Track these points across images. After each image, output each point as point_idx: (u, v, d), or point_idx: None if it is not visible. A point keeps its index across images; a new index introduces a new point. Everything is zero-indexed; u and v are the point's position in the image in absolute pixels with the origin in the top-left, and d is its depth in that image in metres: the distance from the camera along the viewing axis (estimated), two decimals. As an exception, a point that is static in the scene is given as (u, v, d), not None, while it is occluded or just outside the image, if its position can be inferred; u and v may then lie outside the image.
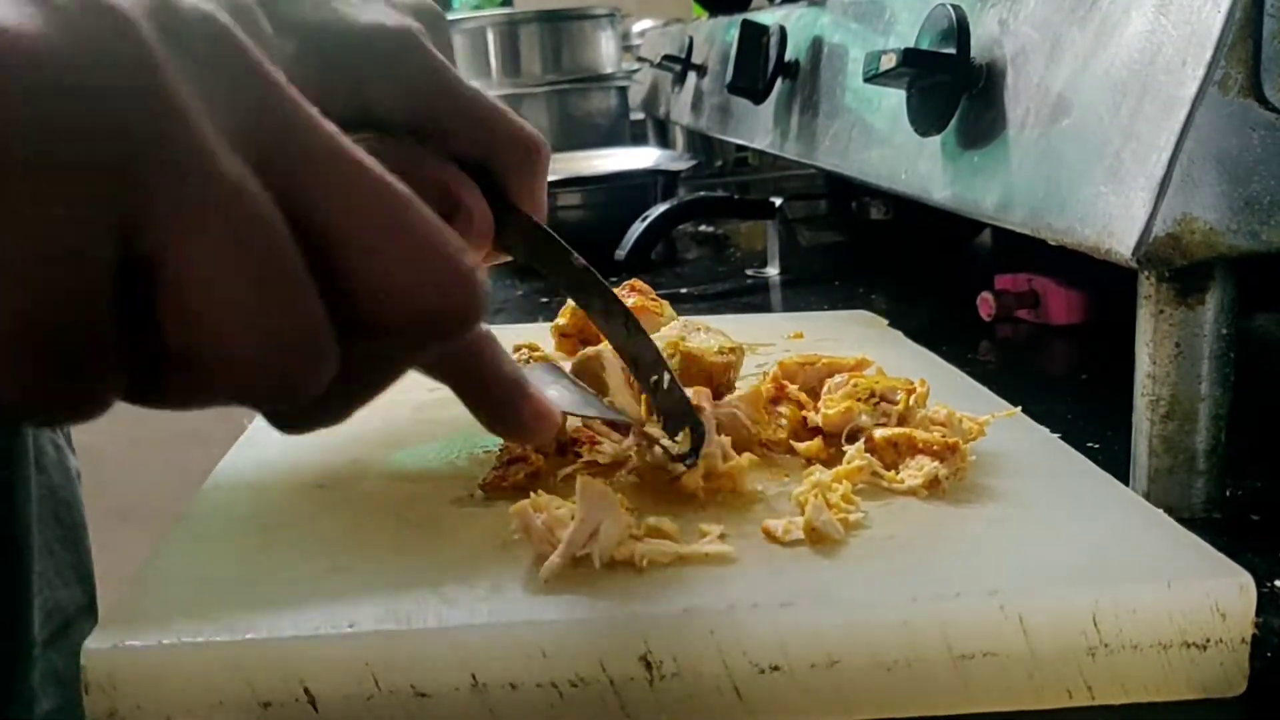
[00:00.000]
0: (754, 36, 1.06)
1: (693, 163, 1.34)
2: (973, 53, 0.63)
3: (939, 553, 0.40)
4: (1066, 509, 0.44)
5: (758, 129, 1.12)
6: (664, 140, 1.92)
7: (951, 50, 0.64)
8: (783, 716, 0.36)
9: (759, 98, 1.07)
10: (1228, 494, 0.51)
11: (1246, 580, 0.38)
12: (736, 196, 1.21)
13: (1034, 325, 0.85)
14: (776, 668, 0.36)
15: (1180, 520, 0.48)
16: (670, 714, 0.36)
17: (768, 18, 1.11)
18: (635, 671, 0.36)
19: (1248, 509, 0.51)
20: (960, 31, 0.64)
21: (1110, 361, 0.50)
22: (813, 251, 1.14)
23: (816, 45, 0.97)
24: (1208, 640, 0.37)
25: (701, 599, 0.37)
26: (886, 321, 0.77)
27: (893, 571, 0.39)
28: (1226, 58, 0.45)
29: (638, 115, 1.90)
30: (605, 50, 1.72)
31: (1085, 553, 0.40)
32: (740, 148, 1.68)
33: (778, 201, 1.09)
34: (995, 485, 0.46)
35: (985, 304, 0.86)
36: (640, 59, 1.92)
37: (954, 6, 0.65)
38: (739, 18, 1.15)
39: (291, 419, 0.28)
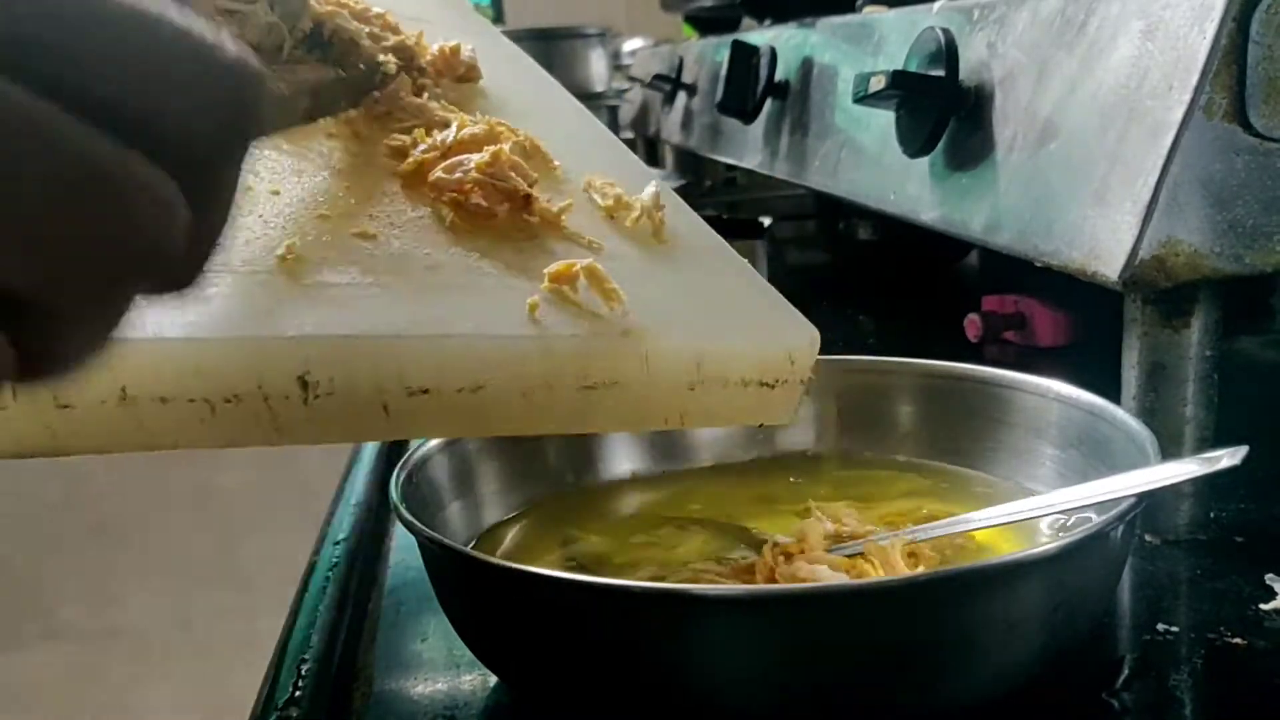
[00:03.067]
0: (744, 57, 1.06)
1: (682, 182, 1.34)
2: (961, 75, 0.64)
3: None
4: (700, 271, 0.49)
5: (747, 149, 1.13)
6: (654, 159, 1.92)
7: (940, 72, 0.64)
8: (425, 431, 0.39)
9: (749, 118, 1.08)
10: (1212, 516, 0.51)
11: (814, 334, 0.46)
12: (725, 216, 1.21)
13: (1021, 347, 0.85)
14: (426, 391, 0.37)
15: (1165, 542, 0.48)
16: (319, 427, 0.36)
17: (758, 38, 1.11)
18: (291, 390, 0.35)
19: (1232, 531, 0.52)
20: (949, 54, 0.64)
21: (1096, 383, 0.50)
22: (801, 271, 1.15)
23: (806, 66, 0.97)
24: (777, 380, 0.44)
25: (363, 322, 0.37)
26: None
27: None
28: (1212, 83, 0.46)
29: (628, 134, 1.91)
30: (596, 69, 1.73)
31: (703, 307, 0.45)
32: (730, 167, 1.68)
33: (766, 221, 1.09)
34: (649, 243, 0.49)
35: (972, 325, 0.87)
36: (631, 78, 1.92)
37: (943, 29, 0.65)
38: (729, 38, 1.16)
39: (184, 275, 0.25)
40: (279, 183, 0.42)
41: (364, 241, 0.40)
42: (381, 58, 0.48)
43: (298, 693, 0.44)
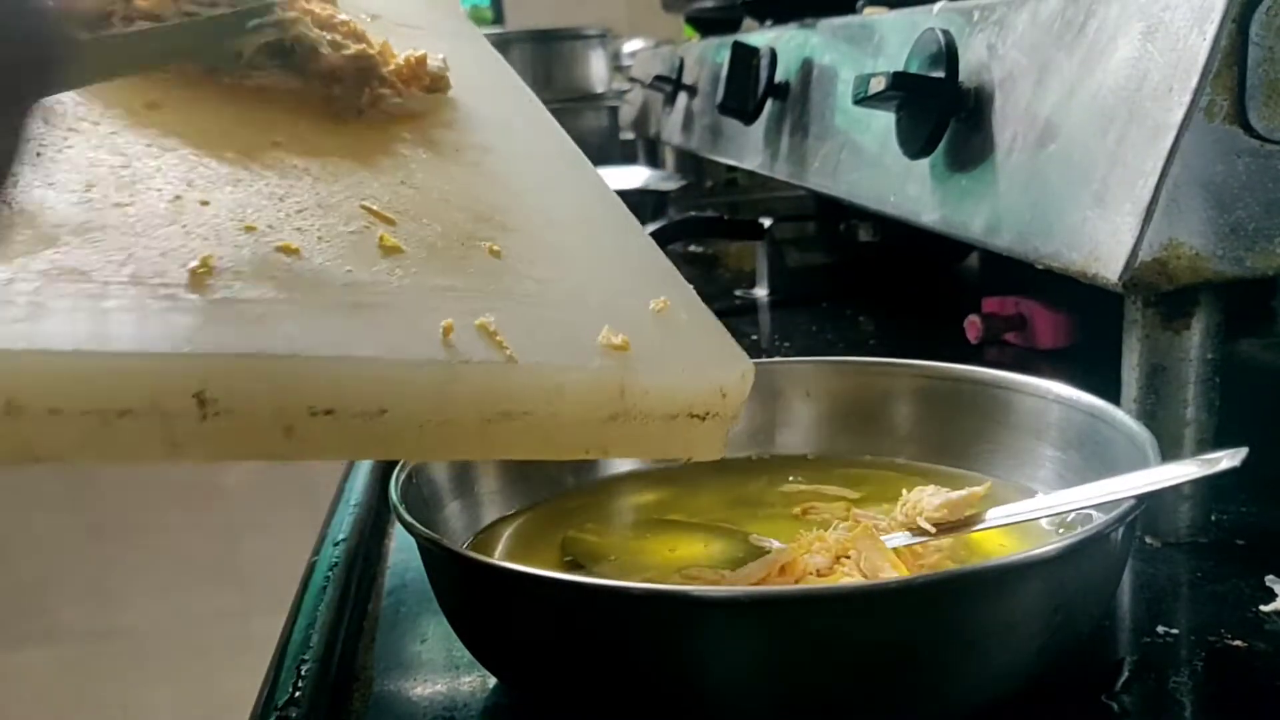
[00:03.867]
0: (745, 58, 1.06)
1: (683, 183, 1.34)
2: (961, 77, 0.64)
3: (483, 301, 0.41)
4: (625, 288, 0.46)
5: (748, 149, 1.13)
6: (654, 160, 1.92)
7: (940, 74, 0.64)
8: (330, 454, 0.37)
9: (749, 118, 1.08)
10: (1213, 519, 0.51)
11: (748, 366, 0.44)
12: (726, 217, 1.21)
13: (1021, 348, 0.85)
14: (329, 412, 0.36)
15: (1165, 544, 0.48)
16: (218, 446, 0.35)
17: (758, 39, 1.11)
18: (187, 407, 0.34)
19: (1233, 534, 0.51)
20: (949, 56, 0.64)
21: (1096, 385, 0.50)
22: (801, 272, 1.15)
23: (807, 67, 0.97)
24: (707, 413, 0.42)
25: (265, 340, 0.36)
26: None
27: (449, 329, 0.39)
28: (1212, 85, 0.46)
29: (628, 135, 1.91)
30: (596, 70, 1.73)
31: (629, 332, 0.42)
32: (730, 168, 1.68)
33: (767, 222, 1.09)
34: (556, 241, 0.47)
35: (973, 327, 0.87)
36: (631, 79, 1.92)
37: (943, 31, 0.65)
38: (730, 39, 1.16)
39: None
40: (211, 192, 0.41)
41: (285, 256, 0.39)
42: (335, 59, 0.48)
43: (297, 693, 0.44)
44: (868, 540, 0.43)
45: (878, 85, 0.66)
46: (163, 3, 0.46)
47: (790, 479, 0.55)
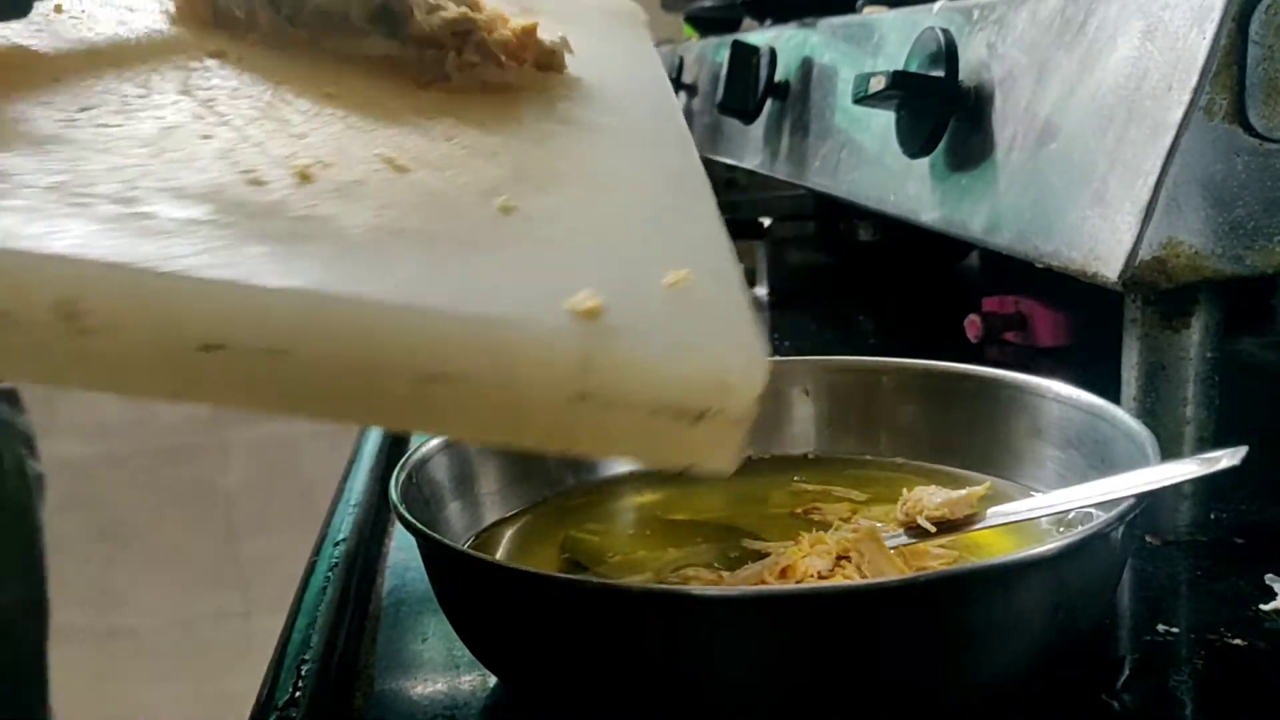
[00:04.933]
0: (744, 57, 1.06)
1: (682, 182, 1.34)
2: (961, 76, 0.64)
3: (447, 247, 0.36)
4: (643, 256, 0.39)
5: (747, 149, 1.13)
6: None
7: (940, 73, 0.64)
8: (229, 400, 0.32)
9: (749, 118, 1.08)
10: (1212, 517, 0.51)
11: (757, 358, 0.34)
12: (725, 216, 1.21)
13: (1021, 347, 0.85)
14: (220, 346, 0.31)
15: (1165, 543, 0.48)
16: (98, 372, 0.31)
17: (758, 38, 1.11)
18: (54, 319, 0.30)
19: (1233, 533, 0.51)
20: (949, 54, 0.64)
21: (1096, 384, 0.50)
22: (801, 272, 1.15)
23: (806, 66, 0.97)
24: (706, 409, 0.33)
25: (147, 256, 0.31)
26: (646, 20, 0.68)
27: (392, 261, 0.34)
28: (1212, 83, 0.46)
29: (628, 134, 1.91)
30: (596, 69, 1.72)
31: (618, 299, 0.34)
32: (730, 168, 1.68)
33: (766, 222, 1.09)
34: (594, 207, 0.41)
35: (973, 326, 0.87)
36: (631, 78, 1.92)
37: (943, 30, 0.65)
38: (729, 38, 1.16)
39: None
40: (218, 127, 0.38)
41: (247, 185, 0.35)
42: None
43: (297, 693, 0.44)
44: (871, 543, 0.43)
45: (877, 84, 0.66)
46: None
47: (795, 479, 0.54)
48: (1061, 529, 0.46)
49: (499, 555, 0.49)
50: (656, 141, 0.50)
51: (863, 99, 0.68)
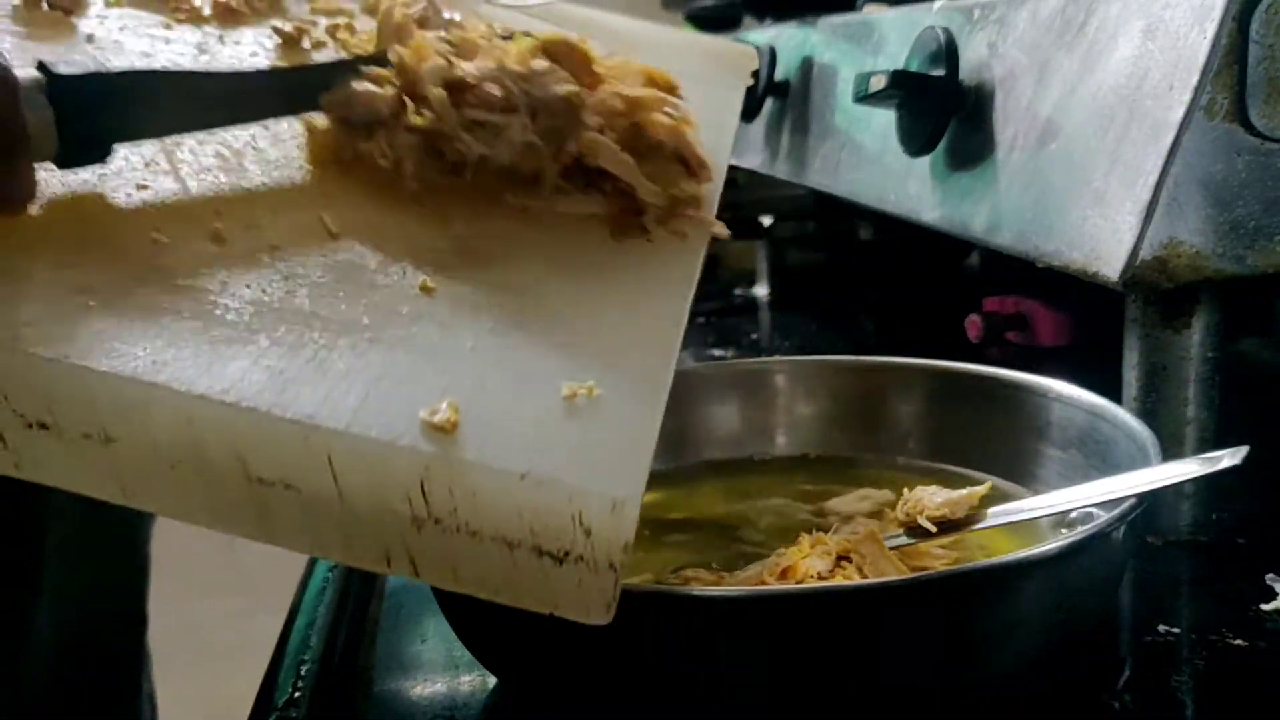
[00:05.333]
0: (744, 57, 1.06)
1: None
2: (961, 75, 0.64)
3: (333, 350, 0.33)
4: (555, 368, 0.35)
5: (747, 148, 1.13)
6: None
7: (941, 72, 0.64)
8: (61, 480, 0.31)
9: (749, 117, 1.07)
10: (1214, 518, 0.51)
11: (623, 497, 0.31)
12: (725, 216, 1.21)
13: (1022, 347, 0.85)
14: (44, 426, 0.30)
15: (1166, 543, 0.48)
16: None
17: (758, 37, 1.11)
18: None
19: (1234, 533, 0.51)
20: (949, 54, 0.64)
21: (1097, 384, 0.50)
22: (801, 272, 1.15)
23: (807, 65, 0.97)
24: (566, 553, 0.31)
25: None
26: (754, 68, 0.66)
27: (230, 348, 0.32)
28: (1213, 83, 0.46)
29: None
30: (596, 69, 1.72)
31: (487, 414, 0.32)
32: (730, 167, 1.68)
33: (767, 221, 1.09)
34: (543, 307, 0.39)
35: (973, 326, 0.87)
36: (631, 78, 1.92)
37: (943, 29, 0.65)
38: (729, 37, 1.16)
39: None
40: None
41: (157, 267, 0.34)
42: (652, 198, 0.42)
43: (297, 694, 0.44)
44: (872, 545, 0.43)
45: (878, 83, 0.66)
46: (444, 115, 0.41)
47: (792, 479, 0.54)
48: (1063, 529, 0.46)
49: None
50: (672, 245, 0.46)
51: (863, 98, 0.68)
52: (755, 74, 1.05)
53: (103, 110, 0.36)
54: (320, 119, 0.42)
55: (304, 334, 0.34)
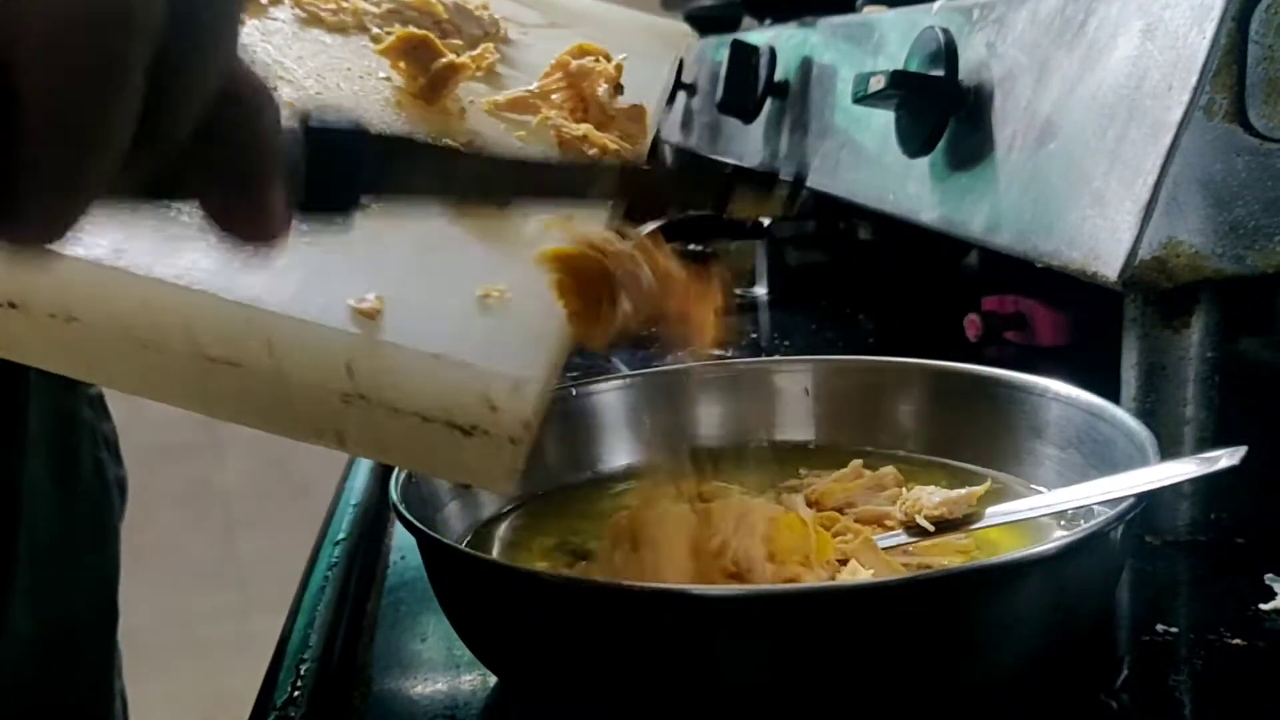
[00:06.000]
0: (744, 56, 1.06)
1: (682, 181, 1.34)
2: (961, 75, 0.64)
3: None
4: (471, 271, 0.39)
5: (747, 148, 1.13)
6: (654, 158, 1.92)
7: (940, 72, 0.64)
8: (26, 356, 0.34)
9: (749, 117, 1.08)
10: (1212, 517, 0.51)
11: (525, 378, 0.35)
12: (725, 216, 1.21)
13: (1021, 346, 0.85)
14: (12, 305, 0.33)
15: (1164, 542, 0.48)
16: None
17: (758, 38, 1.11)
18: None
19: (1232, 532, 0.51)
20: (949, 54, 0.64)
21: (1096, 384, 0.50)
22: (800, 271, 1.15)
23: (806, 65, 0.97)
24: (474, 427, 0.34)
25: None
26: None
27: (183, 242, 0.34)
28: (1212, 83, 0.46)
29: (627, 134, 1.90)
30: (596, 69, 1.72)
31: (404, 305, 0.36)
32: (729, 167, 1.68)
33: (766, 222, 1.09)
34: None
35: (972, 325, 0.87)
36: (630, 78, 1.92)
37: (942, 29, 0.65)
38: (729, 37, 1.16)
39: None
40: None
41: None
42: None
43: (296, 693, 0.44)
44: (867, 550, 0.43)
45: (877, 84, 0.66)
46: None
47: (801, 472, 0.54)
48: (1061, 528, 0.46)
49: (495, 549, 0.49)
50: None
51: (862, 99, 0.68)
52: (755, 72, 1.05)
53: (351, 169, 0.33)
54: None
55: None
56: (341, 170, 0.32)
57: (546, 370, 0.37)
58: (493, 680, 0.44)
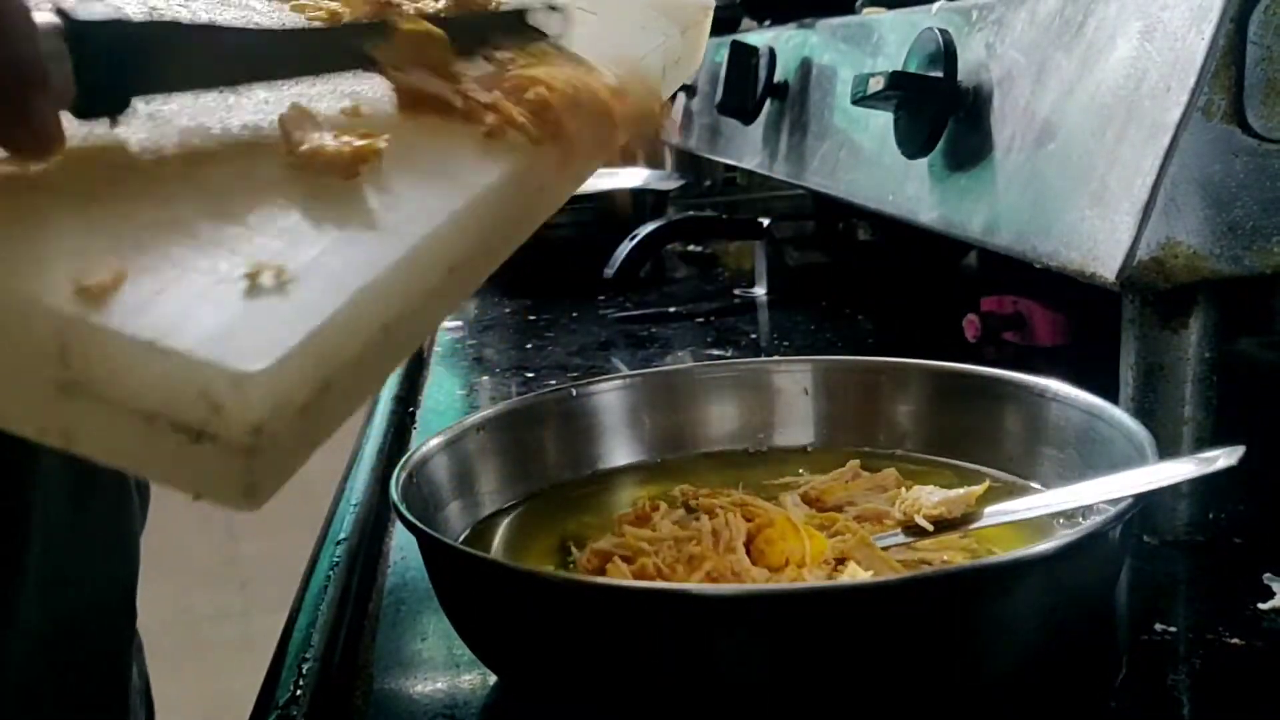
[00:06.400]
0: (743, 57, 1.06)
1: (681, 182, 1.34)
2: (960, 76, 0.64)
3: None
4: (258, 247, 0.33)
5: (747, 149, 1.13)
6: (653, 160, 1.92)
7: (939, 73, 0.64)
8: None
9: (748, 118, 1.08)
10: (1210, 517, 0.51)
11: (248, 373, 0.29)
12: (725, 216, 1.21)
13: (1020, 347, 0.85)
14: None
15: (1163, 542, 0.48)
16: None
17: (757, 39, 1.11)
18: None
19: (1230, 532, 0.52)
20: (948, 55, 0.64)
21: (1094, 384, 0.50)
22: (800, 272, 1.15)
23: (805, 66, 0.97)
24: (201, 431, 0.29)
25: None
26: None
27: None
28: (1210, 84, 0.46)
29: (627, 134, 1.90)
30: (595, 69, 1.72)
31: (150, 284, 0.30)
32: (729, 168, 1.68)
33: (766, 222, 1.09)
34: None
35: (971, 325, 0.87)
36: (630, 78, 1.92)
37: (941, 30, 0.65)
38: (729, 38, 1.16)
39: None
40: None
41: None
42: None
43: (298, 692, 0.44)
44: (864, 549, 0.43)
45: (876, 85, 0.66)
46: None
47: (790, 475, 0.55)
48: (1059, 528, 0.46)
49: (495, 546, 0.49)
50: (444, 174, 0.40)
51: (862, 99, 0.68)
52: (755, 73, 1.06)
53: (123, 60, 0.32)
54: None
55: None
56: (109, 65, 0.31)
57: (299, 368, 0.30)
58: (493, 680, 0.44)
